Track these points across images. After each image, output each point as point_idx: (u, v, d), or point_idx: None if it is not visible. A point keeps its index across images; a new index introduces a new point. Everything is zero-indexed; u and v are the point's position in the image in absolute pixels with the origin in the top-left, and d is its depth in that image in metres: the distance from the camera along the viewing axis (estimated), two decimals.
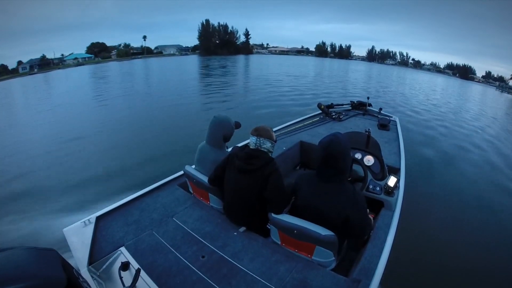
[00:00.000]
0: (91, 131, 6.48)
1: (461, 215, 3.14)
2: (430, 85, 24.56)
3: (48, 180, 4.03)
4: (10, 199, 3.50)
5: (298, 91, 12.12)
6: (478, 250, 2.55)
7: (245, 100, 10.08)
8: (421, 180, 3.93)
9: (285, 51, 77.28)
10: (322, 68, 32.60)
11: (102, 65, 38.25)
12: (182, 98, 10.24)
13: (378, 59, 77.19)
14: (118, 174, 4.04)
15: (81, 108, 9.50)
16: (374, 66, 53.01)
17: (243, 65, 30.38)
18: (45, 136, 6.36)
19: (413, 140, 5.83)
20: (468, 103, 16.08)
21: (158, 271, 1.31)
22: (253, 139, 1.56)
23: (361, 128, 3.03)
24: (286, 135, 3.18)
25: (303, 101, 9.50)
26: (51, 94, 14.87)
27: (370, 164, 2.08)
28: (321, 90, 13.38)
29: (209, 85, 13.96)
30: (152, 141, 5.57)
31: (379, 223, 1.70)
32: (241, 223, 1.66)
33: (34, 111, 9.72)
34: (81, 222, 1.61)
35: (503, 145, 6.50)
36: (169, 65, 32.07)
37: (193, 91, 12.21)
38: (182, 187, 2.08)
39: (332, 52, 79.24)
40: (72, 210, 3.15)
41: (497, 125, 9.48)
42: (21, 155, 5.17)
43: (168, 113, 8.03)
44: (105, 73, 24.24)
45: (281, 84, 14.53)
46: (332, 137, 1.38)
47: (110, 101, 10.24)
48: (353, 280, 1.27)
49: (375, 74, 29.26)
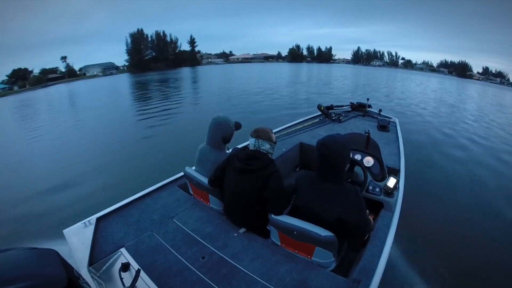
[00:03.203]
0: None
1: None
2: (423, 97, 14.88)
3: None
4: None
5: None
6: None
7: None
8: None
9: (248, 59, 68.94)
10: (279, 78, 22.90)
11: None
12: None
13: (363, 61, 71.16)
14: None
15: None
16: (354, 70, 43.08)
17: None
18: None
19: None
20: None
21: (158, 271, 1.32)
22: (252, 141, 1.57)
23: (361, 129, 3.03)
24: (286, 137, 3.19)
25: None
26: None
27: (370, 165, 2.08)
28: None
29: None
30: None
31: (378, 223, 1.70)
32: (241, 224, 1.66)
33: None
34: (81, 223, 1.62)
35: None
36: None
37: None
38: (182, 188, 2.08)
39: (309, 55, 71.88)
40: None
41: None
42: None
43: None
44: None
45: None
46: (328, 137, 1.38)
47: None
48: (353, 281, 1.27)
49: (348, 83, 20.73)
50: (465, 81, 47.03)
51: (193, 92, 15.95)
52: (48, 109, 14.76)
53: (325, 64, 60.56)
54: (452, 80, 42.82)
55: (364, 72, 38.37)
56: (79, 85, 32.21)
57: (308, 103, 9.96)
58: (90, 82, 37.04)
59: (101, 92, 20.67)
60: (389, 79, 27.86)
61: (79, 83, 37.62)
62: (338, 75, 28.36)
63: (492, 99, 19.45)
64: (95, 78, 45.18)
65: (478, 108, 13.32)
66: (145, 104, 12.02)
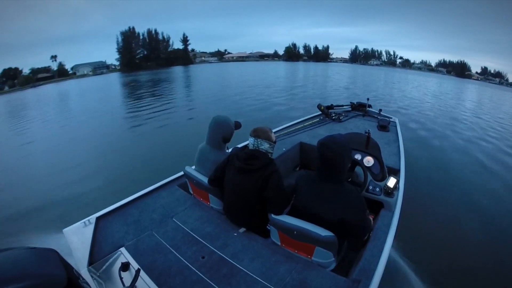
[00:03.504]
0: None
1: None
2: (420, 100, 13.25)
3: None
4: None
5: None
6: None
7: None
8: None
9: (243, 57, 66.07)
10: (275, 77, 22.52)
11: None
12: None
13: (361, 60, 69.87)
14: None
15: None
16: (352, 69, 42.50)
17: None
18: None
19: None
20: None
21: (158, 271, 1.31)
22: (251, 140, 1.56)
23: (361, 129, 3.03)
24: (286, 136, 3.19)
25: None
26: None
27: (370, 165, 2.08)
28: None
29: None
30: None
31: (379, 223, 1.70)
32: (241, 223, 1.65)
33: None
34: (81, 223, 1.62)
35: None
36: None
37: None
38: (182, 188, 2.08)
39: (306, 54, 70.11)
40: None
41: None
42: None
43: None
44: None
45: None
46: (329, 137, 1.38)
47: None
48: (353, 281, 1.27)
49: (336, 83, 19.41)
50: (464, 81, 46.10)
51: (184, 94, 15.36)
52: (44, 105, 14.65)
53: (322, 63, 58.74)
54: (451, 80, 41.95)
55: (360, 71, 37.09)
56: (68, 85, 31.75)
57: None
58: (79, 82, 36.13)
59: (92, 93, 19.95)
60: (387, 80, 25.68)
61: (68, 83, 37.12)
62: (335, 77, 25.69)
63: (492, 99, 19.03)
64: (84, 78, 44.14)
65: (479, 108, 13.32)
66: (138, 104, 11.80)
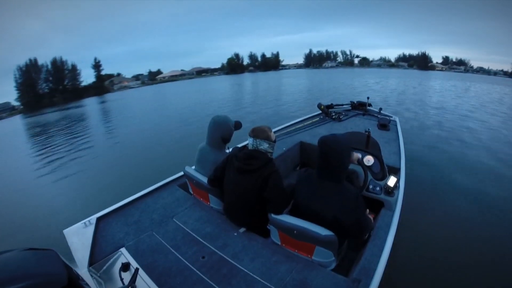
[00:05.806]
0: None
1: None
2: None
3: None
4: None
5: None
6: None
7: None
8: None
9: (176, 76, 55.94)
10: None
11: None
12: None
13: (314, 63, 64.78)
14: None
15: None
16: (302, 75, 36.02)
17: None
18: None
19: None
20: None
21: (158, 271, 1.32)
22: (250, 141, 1.56)
23: (361, 128, 3.03)
24: (286, 136, 3.18)
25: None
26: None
27: (370, 164, 2.08)
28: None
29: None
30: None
31: (379, 223, 1.70)
32: (241, 223, 1.66)
33: None
34: (81, 223, 1.62)
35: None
36: None
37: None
38: (182, 188, 2.08)
39: (252, 64, 61.46)
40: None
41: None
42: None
43: None
44: None
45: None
46: (330, 135, 1.38)
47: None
48: (353, 280, 1.27)
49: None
50: (429, 73, 40.30)
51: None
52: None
53: (271, 72, 50.30)
54: (414, 73, 36.46)
55: (303, 80, 26.29)
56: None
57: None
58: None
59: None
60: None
61: None
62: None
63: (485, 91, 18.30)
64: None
65: (478, 105, 13.26)
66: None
